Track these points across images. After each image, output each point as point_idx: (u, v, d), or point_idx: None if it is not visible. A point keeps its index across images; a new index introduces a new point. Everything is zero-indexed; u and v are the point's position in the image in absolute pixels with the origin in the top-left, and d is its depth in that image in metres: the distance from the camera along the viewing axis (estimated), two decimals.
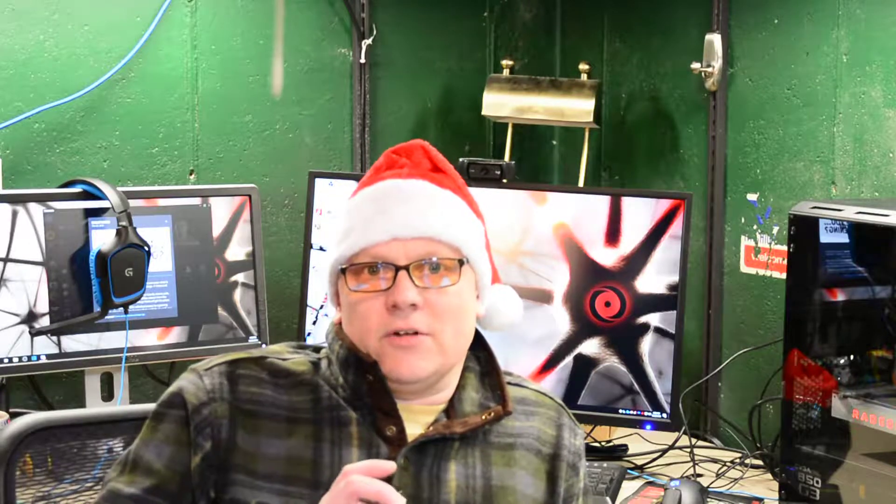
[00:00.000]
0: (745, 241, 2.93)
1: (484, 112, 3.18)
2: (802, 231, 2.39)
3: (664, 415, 2.66)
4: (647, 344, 2.66)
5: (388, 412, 1.55)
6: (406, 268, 1.54)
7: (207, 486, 1.54)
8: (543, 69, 3.38)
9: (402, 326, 1.53)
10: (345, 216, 1.61)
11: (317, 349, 1.65)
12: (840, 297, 2.43)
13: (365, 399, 1.56)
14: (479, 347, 1.65)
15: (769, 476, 2.66)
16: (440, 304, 1.55)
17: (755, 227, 2.90)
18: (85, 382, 2.69)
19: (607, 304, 2.69)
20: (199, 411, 1.54)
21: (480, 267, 1.61)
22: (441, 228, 1.57)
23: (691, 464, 2.68)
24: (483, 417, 1.59)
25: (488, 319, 1.66)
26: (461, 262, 1.57)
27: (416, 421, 1.58)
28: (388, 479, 1.49)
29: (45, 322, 2.61)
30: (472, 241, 1.60)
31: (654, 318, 2.66)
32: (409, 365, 1.54)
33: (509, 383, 1.66)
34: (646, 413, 2.67)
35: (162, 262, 2.74)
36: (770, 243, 2.86)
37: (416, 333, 1.54)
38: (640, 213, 2.68)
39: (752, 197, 2.91)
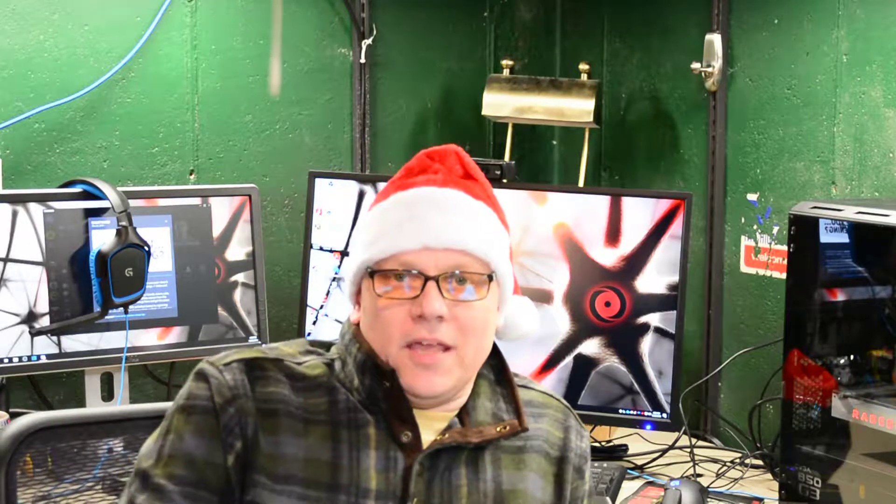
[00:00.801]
0: (745, 241, 2.93)
1: (484, 112, 3.18)
2: (802, 231, 2.39)
3: (664, 415, 2.66)
4: (647, 344, 2.66)
5: (405, 418, 1.55)
6: (436, 279, 1.53)
7: (240, 485, 1.51)
8: (543, 69, 3.38)
9: (425, 336, 1.52)
10: (376, 218, 1.59)
11: (327, 347, 1.63)
12: (840, 297, 2.43)
13: (380, 403, 1.55)
14: (493, 356, 1.64)
15: (769, 476, 2.66)
16: (466, 318, 1.54)
17: (755, 227, 2.90)
18: (85, 382, 2.69)
19: (607, 304, 2.69)
20: (226, 409, 1.52)
21: (505, 280, 1.60)
22: (473, 243, 1.56)
23: (691, 464, 2.68)
24: (498, 430, 1.59)
25: (505, 331, 1.65)
26: (490, 278, 1.57)
27: (430, 427, 1.57)
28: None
29: (45, 322, 2.61)
30: (500, 255, 1.59)
31: (654, 318, 2.66)
32: (428, 381, 1.53)
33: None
34: (646, 413, 2.67)
35: (162, 262, 2.73)
36: (770, 243, 2.86)
37: (439, 347, 1.52)
38: (640, 213, 2.68)
39: (752, 197, 2.91)
